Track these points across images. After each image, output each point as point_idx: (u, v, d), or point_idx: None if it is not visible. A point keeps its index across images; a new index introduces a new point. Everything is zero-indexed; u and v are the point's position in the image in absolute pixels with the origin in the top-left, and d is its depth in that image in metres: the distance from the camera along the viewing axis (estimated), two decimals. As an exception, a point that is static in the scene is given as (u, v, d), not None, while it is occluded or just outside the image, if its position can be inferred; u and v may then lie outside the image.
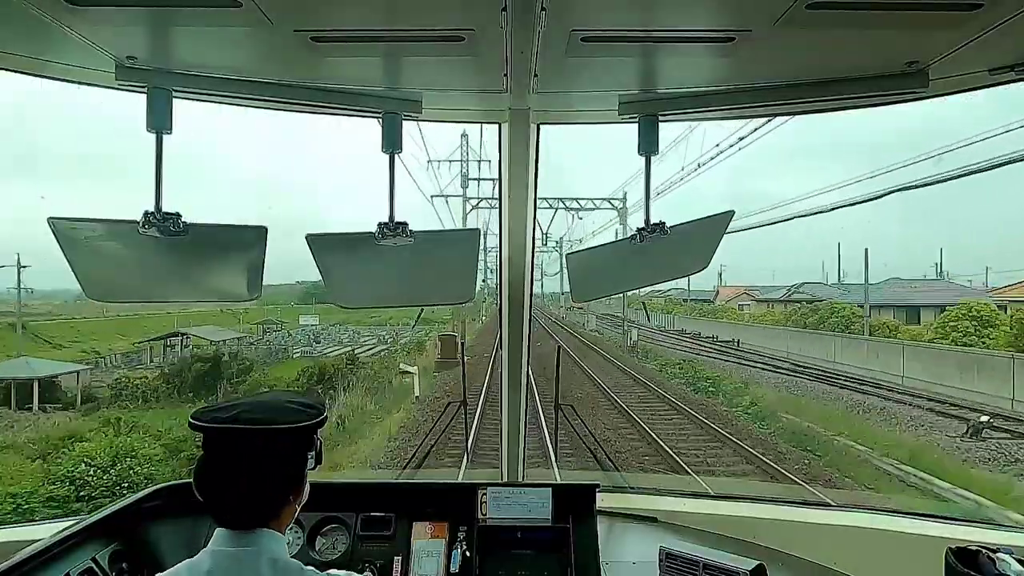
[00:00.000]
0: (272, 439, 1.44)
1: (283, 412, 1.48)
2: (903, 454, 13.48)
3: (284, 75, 1.96)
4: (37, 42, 1.71)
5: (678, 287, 74.14)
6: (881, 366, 25.24)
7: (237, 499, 1.43)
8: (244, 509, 1.43)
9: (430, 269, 2.38)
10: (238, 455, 1.42)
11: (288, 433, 1.45)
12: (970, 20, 1.53)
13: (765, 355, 32.40)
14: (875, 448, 14.13)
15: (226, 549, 1.41)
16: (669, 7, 1.56)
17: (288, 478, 1.49)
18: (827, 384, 22.89)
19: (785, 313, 44.60)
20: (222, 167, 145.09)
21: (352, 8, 1.55)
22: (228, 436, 1.43)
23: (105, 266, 2.11)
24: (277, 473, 1.46)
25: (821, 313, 36.82)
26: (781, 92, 1.99)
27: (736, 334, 41.12)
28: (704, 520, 2.80)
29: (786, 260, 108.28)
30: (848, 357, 28.08)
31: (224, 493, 1.43)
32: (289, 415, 1.47)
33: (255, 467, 1.42)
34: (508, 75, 1.88)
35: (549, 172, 22.51)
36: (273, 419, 1.45)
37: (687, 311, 67.66)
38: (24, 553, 1.93)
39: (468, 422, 3.75)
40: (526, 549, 2.46)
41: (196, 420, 1.44)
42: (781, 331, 38.03)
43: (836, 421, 16.54)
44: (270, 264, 2.13)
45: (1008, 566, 1.67)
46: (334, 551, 2.49)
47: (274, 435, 1.44)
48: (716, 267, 19.95)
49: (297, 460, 1.50)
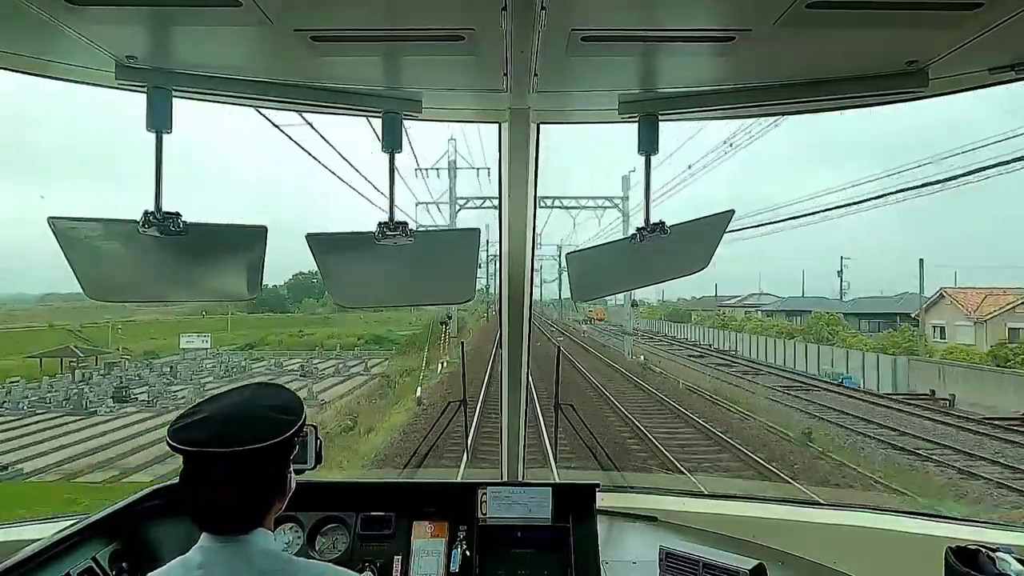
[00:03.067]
0: (252, 457, 1.40)
1: (261, 425, 1.43)
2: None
3: (284, 75, 1.96)
4: (37, 42, 1.71)
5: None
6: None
7: (222, 515, 1.42)
8: (229, 522, 1.42)
9: (430, 269, 2.38)
10: (219, 475, 1.40)
11: (268, 450, 1.42)
12: (970, 20, 1.53)
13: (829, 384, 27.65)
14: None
15: (217, 545, 1.42)
16: (669, 7, 1.56)
17: (272, 488, 1.47)
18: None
19: (789, 326, 43.26)
20: (222, 167, 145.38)
21: (352, 8, 1.54)
22: (207, 457, 1.39)
23: (105, 266, 2.11)
24: (260, 487, 1.45)
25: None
26: (781, 92, 1.99)
27: (753, 347, 40.16)
28: (704, 520, 2.80)
29: (776, 268, 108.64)
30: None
31: (208, 510, 1.42)
32: (266, 428, 1.43)
33: (237, 486, 1.41)
34: (508, 75, 1.87)
35: (551, 174, 22.13)
36: (252, 433, 1.41)
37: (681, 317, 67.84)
38: (24, 553, 1.93)
39: (467, 423, 3.75)
40: (526, 549, 2.46)
41: (172, 441, 1.40)
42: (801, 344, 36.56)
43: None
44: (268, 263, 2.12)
45: (1008, 566, 1.67)
46: (334, 550, 2.49)
47: (254, 454, 1.40)
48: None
49: (280, 468, 1.48)
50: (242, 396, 1.51)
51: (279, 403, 1.50)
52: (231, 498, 1.41)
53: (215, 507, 1.41)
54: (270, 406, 1.48)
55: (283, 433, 1.44)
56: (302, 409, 1.53)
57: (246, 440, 1.39)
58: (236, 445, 1.38)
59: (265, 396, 1.53)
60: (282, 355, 44.47)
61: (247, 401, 1.49)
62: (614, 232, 32.45)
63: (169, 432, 1.41)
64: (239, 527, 1.42)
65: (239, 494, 1.41)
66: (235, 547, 1.41)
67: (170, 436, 1.40)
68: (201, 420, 1.42)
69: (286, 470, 1.50)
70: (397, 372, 30.13)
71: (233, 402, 1.49)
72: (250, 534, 1.43)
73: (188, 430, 1.41)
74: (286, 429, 1.45)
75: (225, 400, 1.50)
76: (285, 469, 1.50)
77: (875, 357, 30.25)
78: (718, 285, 72.99)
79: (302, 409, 1.53)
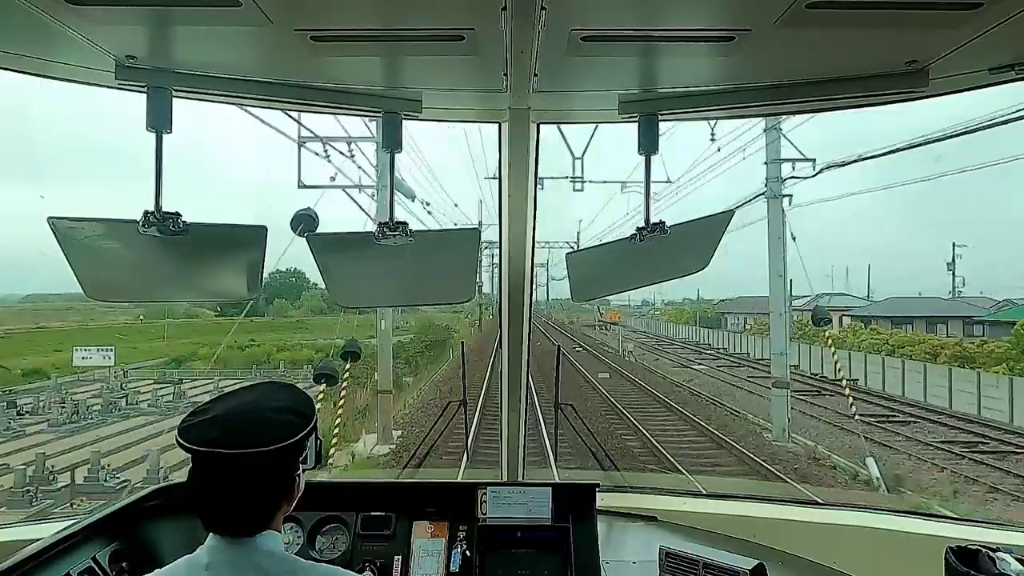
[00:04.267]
0: (259, 459, 1.39)
1: (269, 427, 1.41)
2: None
3: (284, 75, 1.96)
4: (37, 42, 1.71)
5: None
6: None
7: (228, 516, 1.41)
8: (236, 523, 1.42)
9: (430, 268, 2.38)
10: (226, 477, 1.39)
11: (275, 453, 1.40)
12: (970, 20, 1.53)
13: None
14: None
15: (223, 545, 1.41)
16: (669, 7, 1.56)
17: (279, 490, 1.46)
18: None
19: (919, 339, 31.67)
20: (221, 167, 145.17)
21: (352, 8, 1.54)
22: (214, 457, 1.38)
23: (105, 266, 2.11)
24: (268, 490, 1.44)
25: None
26: (781, 92, 1.99)
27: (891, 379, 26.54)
28: (704, 519, 2.80)
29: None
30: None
31: (215, 511, 1.41)
32: (276, 430, 1.41)
33: (245, 488, 1.40)
34: (508, 75, 1.87)
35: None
36: (260, 435, 1.39)
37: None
38: (24, 553, 1.93)
39: (467, 422, 3.76)
40: (526, 548, 2.46)
41: (181, 438, 1.38)
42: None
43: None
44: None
45: (1008, 566, 1.67)
46: (334, 550, 2.49)
47: (261, 456, 1.38)
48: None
49: (287, 471, 1.46)
50: (252, 396, 1.50)
51: (289, 404, 1.48)
52: (237, 500, 1.40)
53: (222, 508, 1.41)
54: (279, 407, 1.47)
55: (292, 436, 1.42)
56: (313, 411, 1.51)
57: (254, 442, 1.38)
58: (243, 446, 1.37)
59: (275, 397, 1.51)
60: (216, 373, 32.07)
61: (257, 401, 1.48)
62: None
63: (178, 429, 1.41)
64: (246, 528, 1.42)
65: (245, 496, 1.40)
66: (242, 548, 1.41)
67: (179, 434, 1.40)
68: (210, 419, 1.41)
69: (294, 472, 1.48)
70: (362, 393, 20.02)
71: (242, 402, 1.47)
72: (257, 536, 1.42)
73: (196, 429, 1.40)
74: (295, 432, 1.43)
75: (235, 399, 1.48)
76: (293, 472, 1.48)
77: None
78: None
79: (313, 411, 1.51)
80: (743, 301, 58.62)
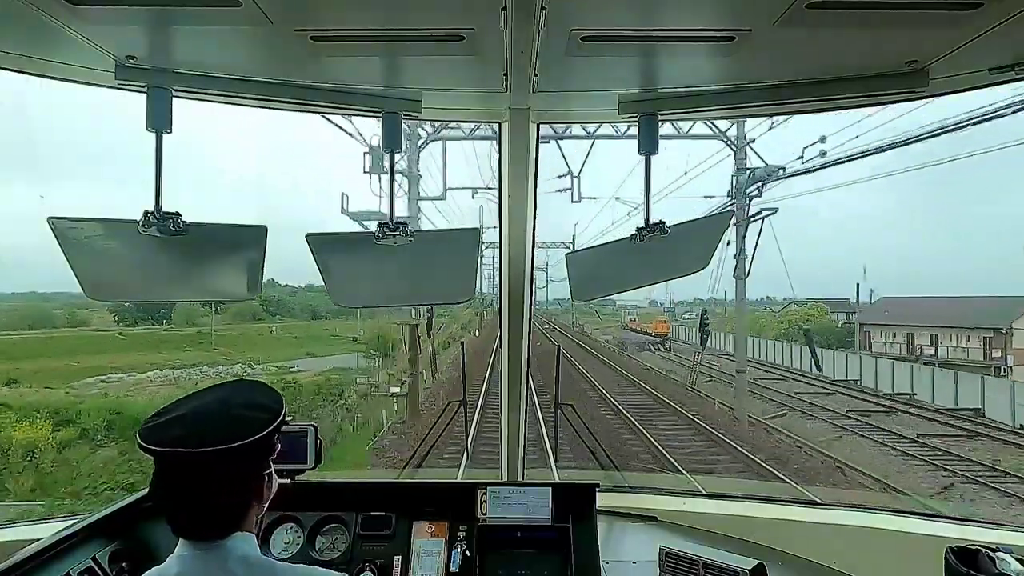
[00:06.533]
0: (226, 457, 1.34)
1: (235, 424, 1.37)
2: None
3: (284, 75, 1.96)
4: (37, 42, 1.71)
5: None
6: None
7: (195, 519, 1.37)
8: (204, 526, 1.37)
9: (430, 268, 2.38)
10: (191, 478, 1.34)
11: (243, 450, 1.35)
12: (970, 20, 1.53)
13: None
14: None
15: (194, 552, 1.37)
16: (669, 7, 1.56)
17: (247, 489, 1.41)
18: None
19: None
20: (221, 167, 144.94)
21: (352, 8, 1.54)
22: (177, 457, 1.33)
23: (105, 266, 2.11)
24: (235, 489, 1.39)
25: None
26: (781, 92, 1.99)
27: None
28: (704, 519, 2.80)
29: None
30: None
31: (181, 513, 1.37)
32: (241, 427, 1.37)
33: (211, 489, 1.35)
34: (508, 74, 1.88)
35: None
36: (225, 433, 1.35)
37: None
38: (24, 553, 1.93)
39: (467, 422, 3.76)
40: (526, 548, 2.46)
41: (143, 441, 1.33)
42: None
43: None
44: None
45: (1008, 566, 1.67)
46: (334, 551, 2.49)
47: (227, 454, 1.33)
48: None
49: (256, 469, 1.43)
50: (217, 395, 1.46)
51: (256, 401, 1.45)
52: (203, 500, 1.36)
53: (188, 510, 1.36)
54: (246, 404, 1.43)
55: (258, 432, 1.38)
56: (281, 407, 1.47)
57: (219, 440, 1.33)
58: (208, 445, 1.32)
59: (241, 394, 1.47)
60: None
61: (222, 400, 1.44)
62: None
63: (140, 431, 1.36)
64: (215, 531, 1.37)
65: (212, 496, 1.36)
66: (214, 554, 1.36)
67: (140, 436, 1.35)
68: (173, 419, 1.37)
69: (263, 471, 1.45)
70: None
71: (207, 401, 1.43)
72: (228, 539, 1.38)
73: (159, 430, 1.35)
74: (261, 428, 1.39)
75: (200, 399, 1.44)
76: (262, 470, 1.44)
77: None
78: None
79: (281, 407, 1.47)
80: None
